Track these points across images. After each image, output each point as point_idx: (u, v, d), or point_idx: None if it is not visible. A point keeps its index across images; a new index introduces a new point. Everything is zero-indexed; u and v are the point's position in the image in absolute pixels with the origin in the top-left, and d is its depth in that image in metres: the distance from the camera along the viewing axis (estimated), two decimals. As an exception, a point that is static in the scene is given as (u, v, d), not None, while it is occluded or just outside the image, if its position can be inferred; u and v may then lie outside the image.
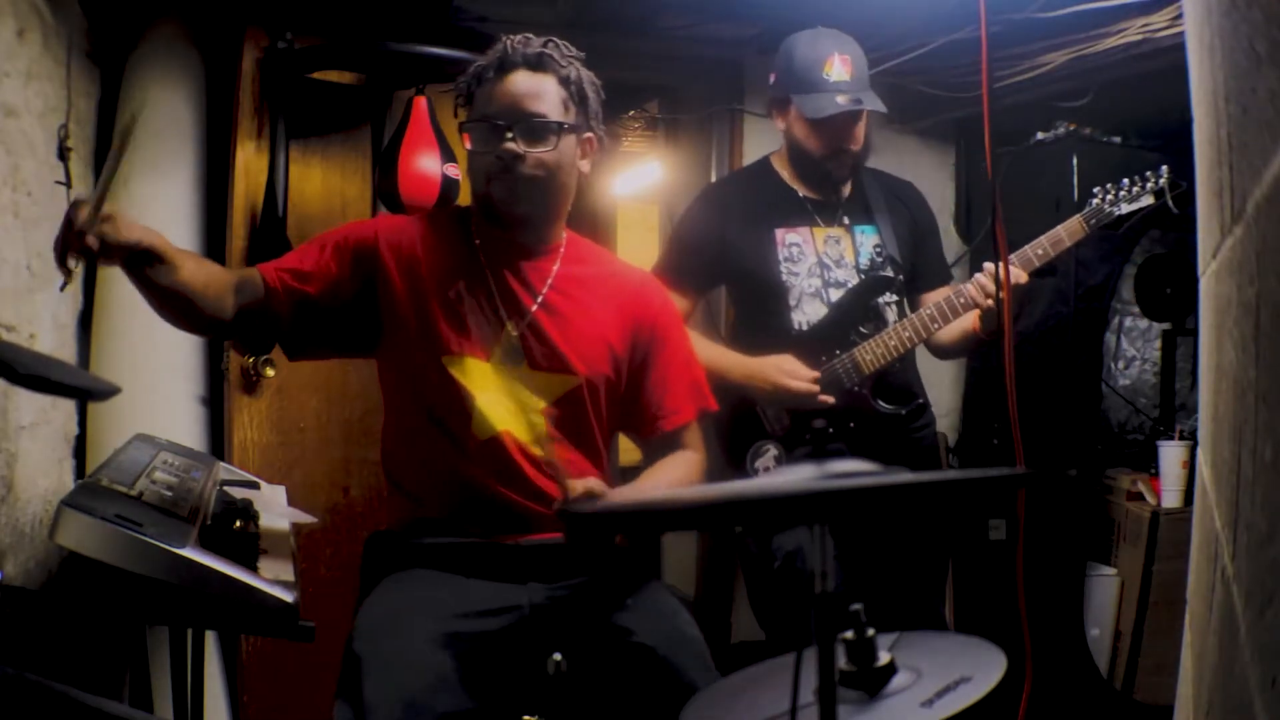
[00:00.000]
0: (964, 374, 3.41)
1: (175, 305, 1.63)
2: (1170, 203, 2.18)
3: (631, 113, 4.30)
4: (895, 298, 2.35)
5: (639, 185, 4.94)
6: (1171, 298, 3.19)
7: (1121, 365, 3.47)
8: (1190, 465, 2.88)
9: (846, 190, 2.41)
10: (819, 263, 2.34)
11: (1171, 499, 2.90)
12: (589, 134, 1.77)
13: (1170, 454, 2.91)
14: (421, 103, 2.54)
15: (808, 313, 2.33)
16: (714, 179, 3.35)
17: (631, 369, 1.82)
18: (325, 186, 2.72)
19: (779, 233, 2.34)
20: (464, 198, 2.51)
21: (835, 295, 2.33)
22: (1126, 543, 2.97)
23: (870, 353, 2.27)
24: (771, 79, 2.38)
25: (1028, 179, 2.98)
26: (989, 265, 2.13)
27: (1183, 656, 1.34)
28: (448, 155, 2.51)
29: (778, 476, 0.96)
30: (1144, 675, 2.89)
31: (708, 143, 3.39)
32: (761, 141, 3.26)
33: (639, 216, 5.17)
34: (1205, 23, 0.95)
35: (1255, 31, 0.66)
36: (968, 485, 1.05)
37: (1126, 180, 2.23)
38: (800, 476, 0.95)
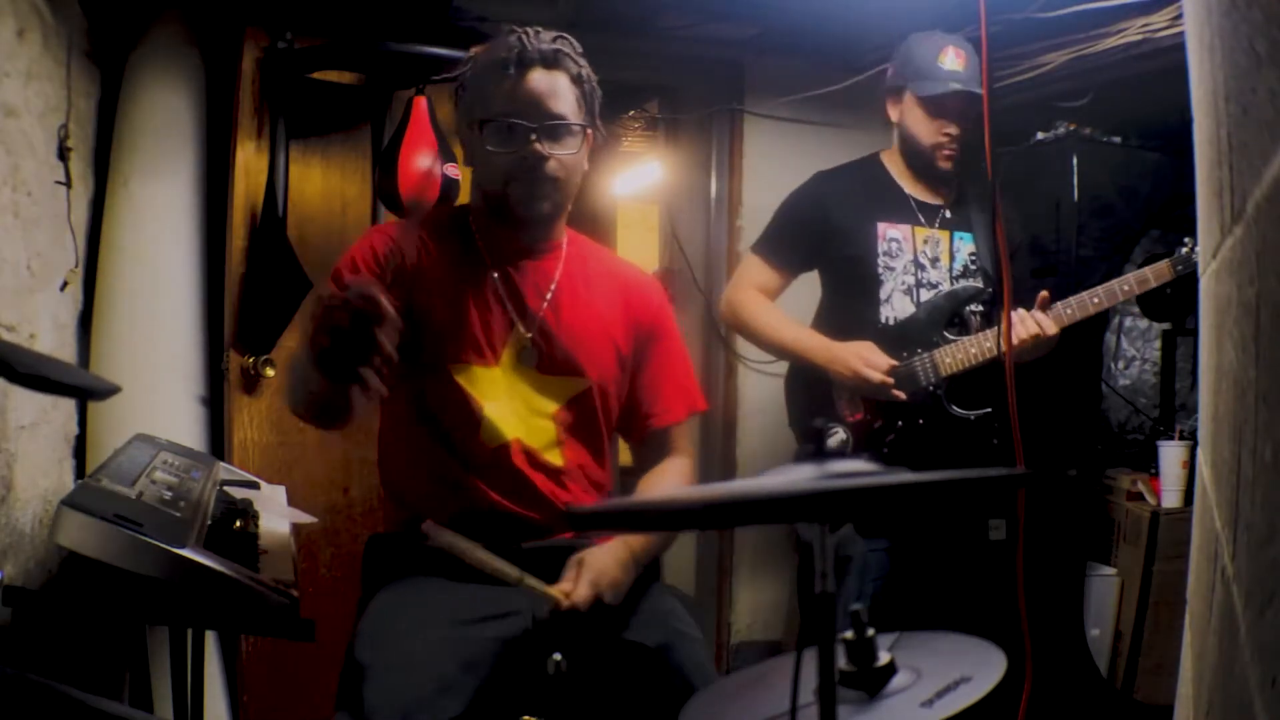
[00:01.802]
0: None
1: (339, 404, 1.57)
2: None
3: (631, 113, 4.30)
4: (981, 307, 2.45)
5: (639, 185, 4.93)
6: (1171, 298, 3.18)
7: (1121, 365, 3.47)
8: (1190, 465, 2.88)
9: (951, 195, 2.51)
10: (914, 261, 2.45)
11: (1171, 499, 2.89)
12: (590, 130, 1.75)
13: (1170, 454, 2.91)
14: (421, 103, 2.54)
15: (896, 308, 2.44)
16: (714, 179, 3.36)
17: (632, 367, 1.82)
18: (325, 186, 2.72)
19: (881, 226, 2.44)
20: (464, 196, 2.51)
21: (925, 296, 2.44)
22: (1126, 543, 2.97)
23: (950, 356, 2.37)
24: (889, 71, 2.50)
25: (1028, 179, 2.98)
26: (1081, 296, 2.31)
27: (1183, 656, 1.34)
28: (448, 155, 2.51)
29: (778, 476, 0.96)
30: (1144, 675, 2.89)
31: (708, 143, 3.39)
32: (762, 141, 3.26)
33: (639, 216, 5.17)
34: (1205, 23, 0.95)
35: (1255, 31, 0.66)
36: (968, 485, 1.05)
37: None
38: (800, 476, 0.94)
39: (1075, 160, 2.92)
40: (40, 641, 1.89)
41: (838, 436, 2.41)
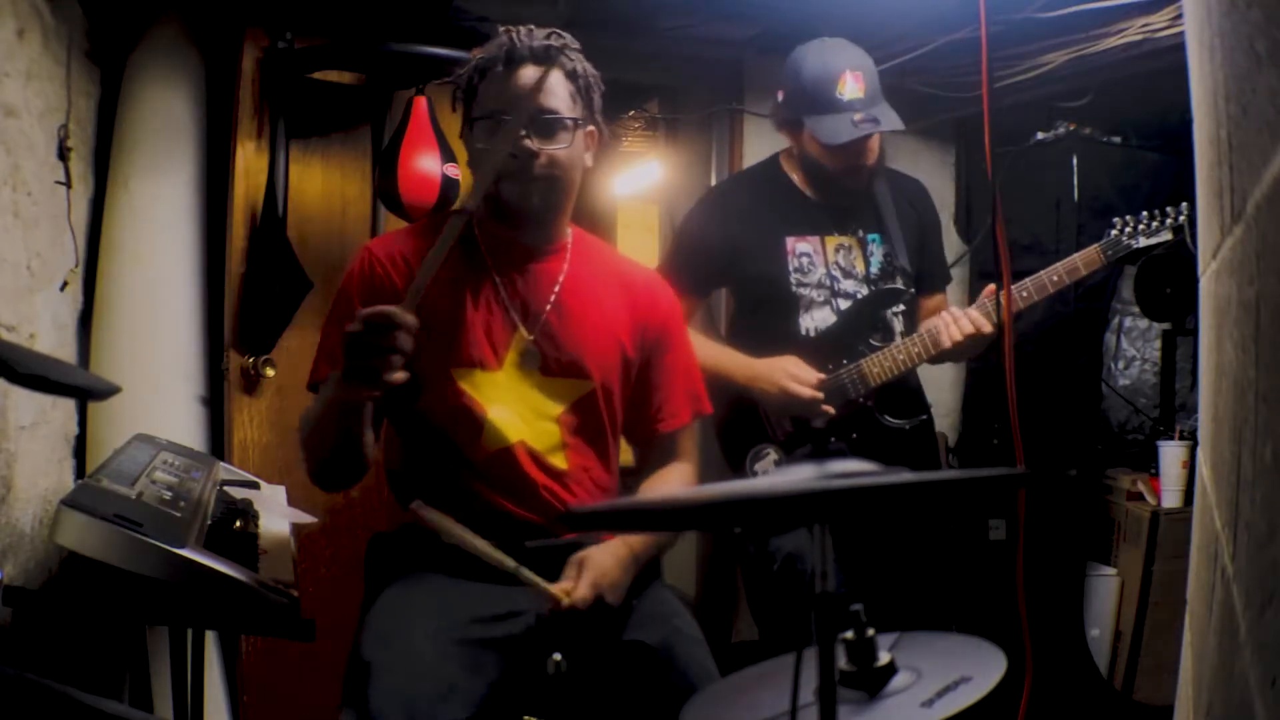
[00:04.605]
0: (964, 374, 3.41)
1: (354, 452, 1.60)
2: (1189, 240, 2.17)
3: (631, 113, 4.30)
4: (903, 308, 2.35)
5: (639, 185, 4.94)
6: (1171, 298, 3.18)
7: (1121, 365, 3.47)
8: (1190, 465, 2.88)
9: (859, 193, 2.37)
10: (828, 274, 2.31)
11: (1171, 499, 2.89)
12: (592, 128, 1.74)
13: (1170, 454, 2.91)
14: (421, 103, 2.54)
15: (816, 319, 2.31)
16: (714, 179, 3.35)
17: (638, 369, 1.80)
18: (325, 186, 2.72)
19: (790, 241, 2.30)
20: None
21: (844, 305, 2.31)
22: (1126, 543, 2.97)
23: (878, 365, 2.26)
24: (780, 96, 2.30)
25: (1028, 179, 2.98)
26: (991, 288, 2.13)
27: (1183, 656, 1.34)
28: (448, 155, 2.51)
29: (778, 476, 0.96)
30: (1144, 675, 2.89)
31: (708, 143, 3.39)
32: (761, 142, 3.26)
33: (639, 216, 5.18)
34: (1205, 23, 0.95)
35: (1255, 31, 0.66)
36: (968, 485, 1.05)
37: (1145, 214, 2.23)
38: (800, 476, 0.94)
39: (1075, 160, 2.92)
40: (40, 641, 1.89)
41: (770, 458, 2.30)
